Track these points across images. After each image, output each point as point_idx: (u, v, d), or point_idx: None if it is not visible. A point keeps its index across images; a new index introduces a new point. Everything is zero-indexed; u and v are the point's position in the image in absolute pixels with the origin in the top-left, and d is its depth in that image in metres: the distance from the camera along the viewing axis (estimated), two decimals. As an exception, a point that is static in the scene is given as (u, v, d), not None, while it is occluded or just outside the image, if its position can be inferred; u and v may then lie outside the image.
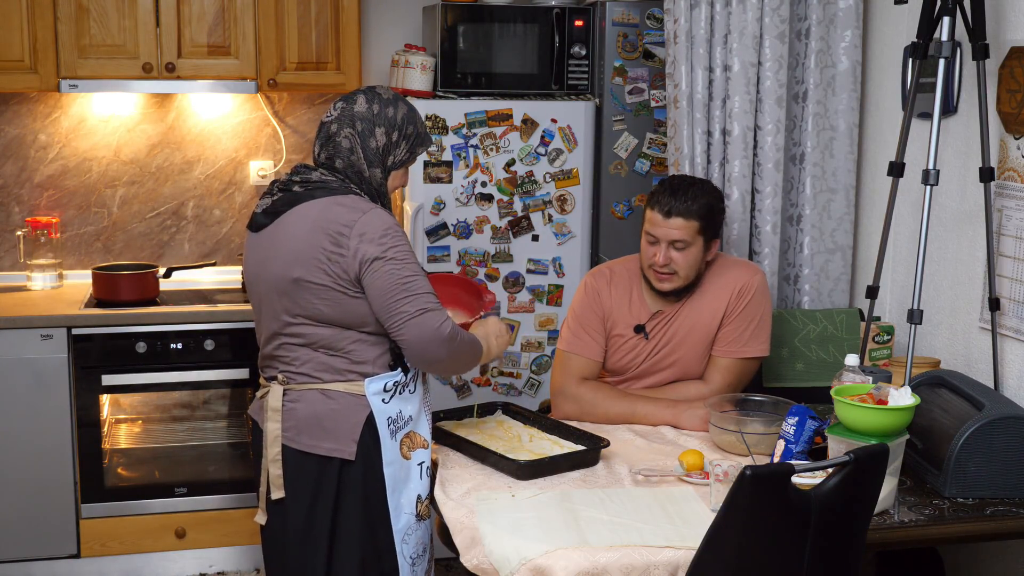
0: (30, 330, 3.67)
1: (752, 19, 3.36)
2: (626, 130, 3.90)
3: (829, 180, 3.55)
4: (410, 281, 2.40)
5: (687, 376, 3.05)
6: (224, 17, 3.90)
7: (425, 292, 2.41)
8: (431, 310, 2.40)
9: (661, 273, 2.94)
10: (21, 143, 4.14)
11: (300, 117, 4.32)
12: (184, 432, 4.01)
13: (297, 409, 2.49)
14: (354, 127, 2.49)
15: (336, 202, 2.44)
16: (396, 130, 2.51)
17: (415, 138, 2.55)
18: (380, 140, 2.50)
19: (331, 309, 2.42)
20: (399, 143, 2.52)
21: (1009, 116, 2.87)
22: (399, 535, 2.52)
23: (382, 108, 2.50)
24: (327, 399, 2.47)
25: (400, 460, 2.51)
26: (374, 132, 2.49)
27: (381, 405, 2.48)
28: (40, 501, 3.76)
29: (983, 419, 2.52)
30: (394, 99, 2.54)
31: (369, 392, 2.46)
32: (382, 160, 2.51)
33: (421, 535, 2.58)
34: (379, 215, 2.43)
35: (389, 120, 2.50)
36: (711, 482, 2.40)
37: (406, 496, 2.53)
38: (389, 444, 2.49)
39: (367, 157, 2.49)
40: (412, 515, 2.54)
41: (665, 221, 2.90)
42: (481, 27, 3.87)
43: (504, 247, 3.89)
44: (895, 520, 2.40)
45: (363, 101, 2.51)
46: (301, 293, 2.43)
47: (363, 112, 2.50)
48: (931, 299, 3.21)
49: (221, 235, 4.35)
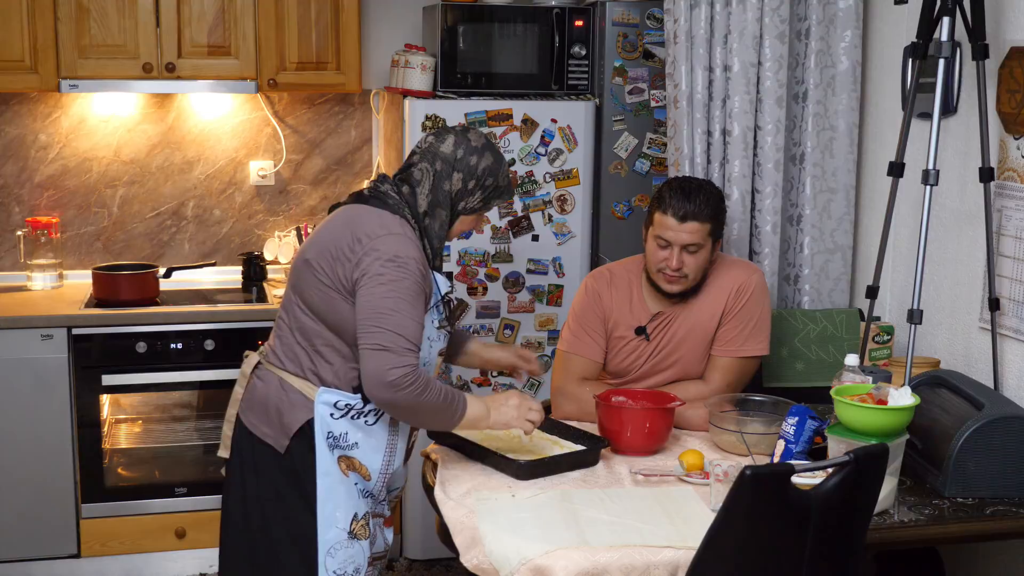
0: (30, 330, 3.68)
1: (752, 19, 3.36)
2: (626, 130, 3.90)
3: (829, 180, 3.55)
4: (388, 314, 2.32)
5: (688, 376, 3.05)
6: (224, 17, 3.90)
7: (396, 331, 2.31)
8: (390, 350, 2.30)
9: (672, 276, 2.93)
10: (21, 143, 4.14)
11: (300, 117, 4.33)
12: (184, 432, 4.01)
13: (256, 387, 2.54)
14: (433, 165, 2.49)
15: (377, 214, 2.44)
16: (474, 179, 2.50)
17: (493, 190, 2.54)
18: (456, 185, 2.50)
19: (321, 301, 2.43)
20: (474, 191, 2.51)
21: (1009, 116, 2.87)
22: (324, 546, 2.47)
23: (466, 154, 2.50)
24: (281, 388, 2.49)
25: (338, 473, 2.47)
26: (451, 176, 2.49)
27: (328, 417, 2.45)
28: (40, 501, 3.76)
29: (983, 419, 2.52)
30: (482, 148, 2.52)
31: (318, 399, 2.45)
32: (452, 203, 2.51)
33: (353, 554, 2.50)
34: (401, 242, 2.39)
35: (470, 168, 2.50)
36: (711, 482, 2.40)
37: (342, 511, 2.48)
38: (325, 455, 2.46)
39: (437, 197, 2.49)
40: (344, 531, 2.48)
41: (680, 225, 2.88)
42: (481, 27, 3.87)
43: (504, 247, 3.89)
44: (895, 520, 2.40)
45: (451, 143, 2.51)
46: (305, 274, 2.46)
47: (447, 154, 2.49)
48: (931, 299, 3.21)
49: (221, 235, 4.35)
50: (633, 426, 2.70)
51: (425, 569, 4.03)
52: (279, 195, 4.36)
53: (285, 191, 4.37)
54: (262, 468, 2.51)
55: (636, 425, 2.70)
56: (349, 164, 4.39)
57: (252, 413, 2.54)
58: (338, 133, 4.36)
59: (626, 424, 2.70)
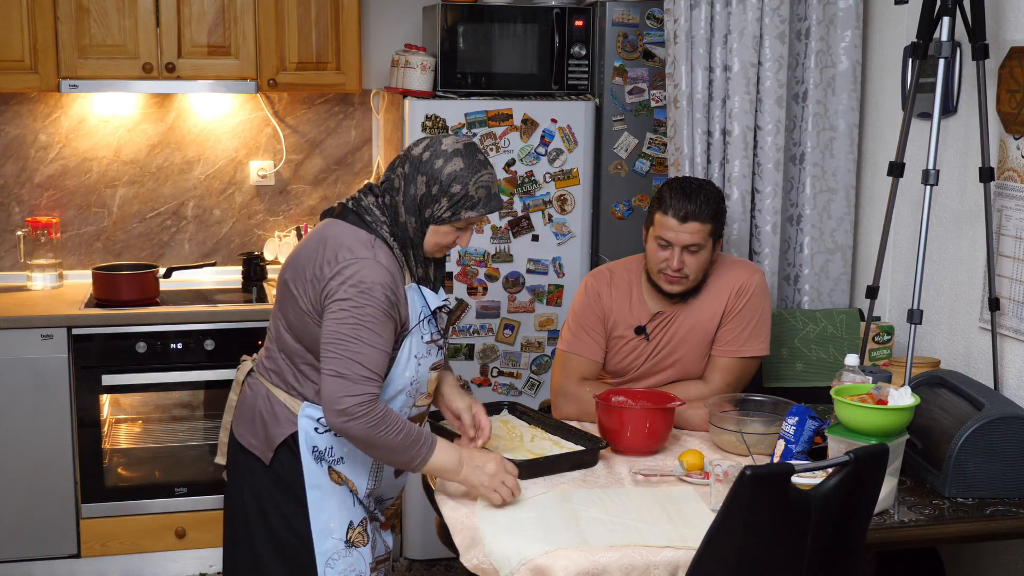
0: (30, 330, 3.68)
1: (752, 19, 3.36)
2: (626, 130, 3.90)
3: (829, 180, 3.55)
4: (347, 341, 2.27)
5: (688, 376, 3.05)
6: (224, 17, 3.90)
7: (353, 358, 2.26)
8: (345, 377, 2.26)
9: (673, 276, 2.93)
10: (21, 143, 4.14)
11: (300, 117, 4.33)
12: (184, 432, 4.01)
13: (246, 396, 2.54)
14: (404, 168, 2.39)
15: (352, 233, 2.37)
16: (437, 183, 2.34)
17: (461, 199, 2.34)
18: (420, 189, 2.36)
19: (297, 322, 2.41)
20: (438, 198, 2.35)
21: (1009, 116, 2.87)
22: (322, 557, 2.45)
23: (432, 157, 2.36)
24: (267, 400, 2.48)
25: (328, 484, 2.46)
26: (416, 179, 2.37)
27: (312, 432, 2.43)
28: (40, 501, 3.76)
29: (983, 419, 2.52)
30: (452, 153, 2.36)
31: (302, 414, 2.43)
32: (419, 209, 2.37)
33: (353, 562, 2.48)
34: (368, 267, 2.31)
35: (434, 171, 2.34)
36: (711, 482, 2.40)
37: (336, 520, 2.47)
38: (312, 467, 2.44)
39: (405, 202, 2.37)
40: (341, 540, 2.47)
41: (681, 226, 2.88)
42: (481, 27, 3.87)
43: (504, 247, 3.89)
44: (895, 520, 2.40)
45: (423, 145, 2.39)
46: (285, 294, 2.45)
47: (415, 156, 2.39)
48: (931, 299, 3.21)
49: (221, 235, 4.35)
50: (633, 426, 2.70)
51: (425, 569, 4.03)
52: (279, 195, 4.37)
53: (285, 191, 4.37)
54: (253, 477, 2.50)
55: (636, 425, 2.70)
56: (349, 164, 4.39)
57: (240, 423, 2.54)
58: (338, 133, 4.36)
59: (626, 424, 2.70)
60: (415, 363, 2.44)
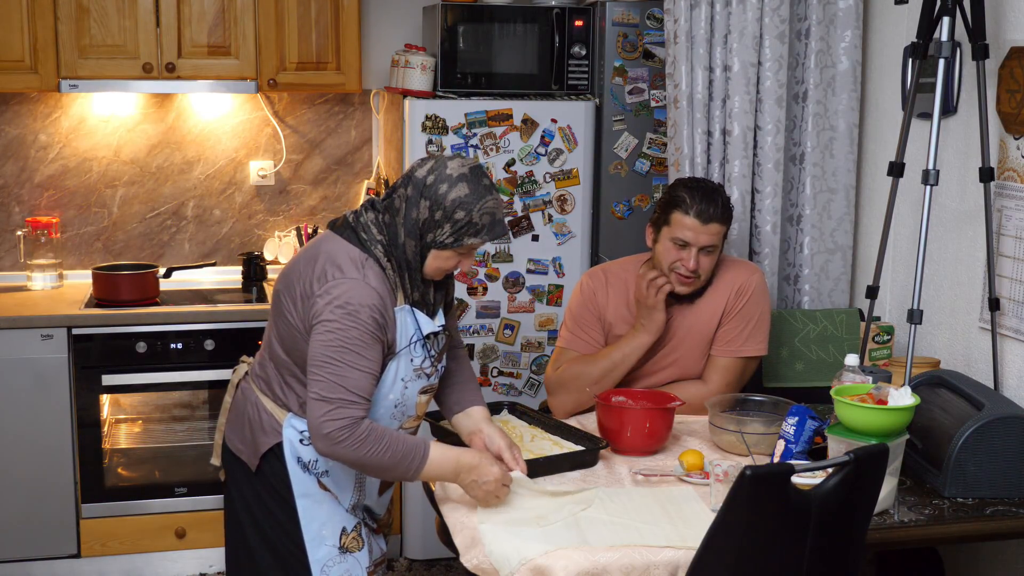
0: (30, 330, 3.68)
1: (752, 19, 3.36)
2: (626, 130, 3.90)
3: (829, 180, 3.55)
4: (330, 363, 2.24)
5: (686, 376, 3.05)
6: (224, 17, 3.90)
7: (336, 381, 2.23)
8: (327, 400, 2.23)
9: (686, 277, 2.93)
10: (21, 143, 4.14)
11: (300, 117, 4.33)
12: (184, 432, 4.01)
13: (238, 401, 2.54)
14: (407, 189, 2.34)
15: (346, 251, 2.34)
16: (440, 209, 2.29)
17: (465, 225, 2.29)
18: (423, 214, 2.31)
19: (287, 335, 2.40)
20: (441, 223, 2.30)
21: (1009, 116, 2.87)
22: (317, 565, 2.45)
23: (437, 181, 2.30)
24: (256, 407, 2.48)
25: (318, 492, 2.45)
26: (418, 203, 2.32)
27: (297, 443, 2.43)
28: (40, 501, 3.76)
29: (983, 419, 2.52)
30: (457, 178, 2.30)
31: (287, 424, 2.43)
32: (420, 233, 2.32)
33: (349, 567, 2.47)
34: (356, 288, 2.28)
35: (438, 197, 2.29)
36: (711, 482, 2.40)
37: (328, 528, 2.46)
38: (300, 477, 2.43)
39: (406, 225, 2.33)
40: (334, 547, 2.46)
41: (704, 227, 2.88)
42: (481, 27, 3.87)
43: (504, 247, 3.89)
44: (895, 520, 2.40)
45: (428, 168, 2.34)
46: (277, 306, 2.44)
47: (419, 179, 2.33)
48: (931, 299, 3.21)
49: (221, 235, 4.35)
50: (633, 426, 2.69)
51: (425, 569, 4.03)
52: (279, 195, 4.37)
53: (285, 191, 4.37)
54: (245, 483, 2.50)
55: (636, 425, 2.70)
56: (349, 164, 4.39)
57: (231, 427, 2.54)
58: (338, 133, 4.36)
59: (626, 424, 2.70)
60: (401, 386, 2.42)
